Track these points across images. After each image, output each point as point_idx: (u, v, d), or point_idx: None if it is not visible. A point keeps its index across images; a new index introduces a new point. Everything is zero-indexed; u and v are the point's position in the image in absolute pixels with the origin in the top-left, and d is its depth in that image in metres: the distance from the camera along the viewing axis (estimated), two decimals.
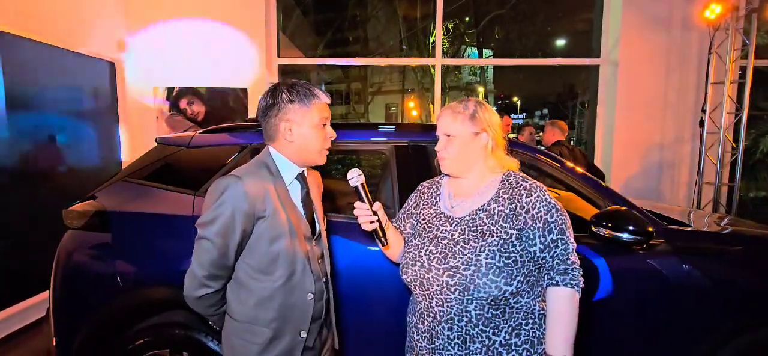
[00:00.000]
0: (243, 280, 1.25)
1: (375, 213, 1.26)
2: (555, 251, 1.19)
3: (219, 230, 1.16)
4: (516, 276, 1.16)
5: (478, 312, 1.18)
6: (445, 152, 1.28)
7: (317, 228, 1.36)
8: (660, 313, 1.77)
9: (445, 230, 1.25)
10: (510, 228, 1.19)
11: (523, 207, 1.20)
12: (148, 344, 1.78)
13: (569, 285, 1.17)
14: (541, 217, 1.19)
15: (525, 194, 1.22)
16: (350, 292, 1.77)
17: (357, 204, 1.27)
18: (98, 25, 3.87)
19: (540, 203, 1.20)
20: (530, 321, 1.21)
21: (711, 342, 1.77)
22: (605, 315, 1.76)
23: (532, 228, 1.19)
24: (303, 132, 1.25)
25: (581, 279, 1.19)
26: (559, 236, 1.19)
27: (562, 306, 1.17)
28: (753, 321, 1.80)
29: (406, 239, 1.37)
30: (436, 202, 1.35)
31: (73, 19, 3.56)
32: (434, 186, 1.40)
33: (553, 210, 1.20)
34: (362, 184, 1.26)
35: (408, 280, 1.28)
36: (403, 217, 1.42)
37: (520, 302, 1.19)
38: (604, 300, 1.74)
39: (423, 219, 1.34)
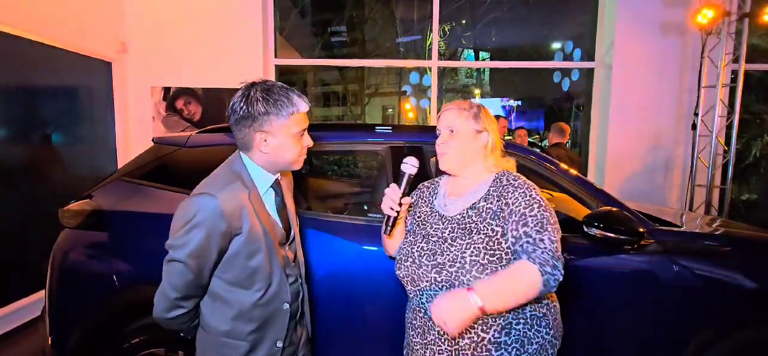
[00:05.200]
0: (219, 294, 1.20)
1: (401, 204, 1.27)
2: (526, 242, 1.14)
3: (192, 253, 1.10)
4: None
5: None
6: (445, 147, 1.29)
7: (292, 233, 1.33)
8: (650, 312, 1.79)
9: (437, 228, 1.28)
10: (496, 225, 1.20)
11: (507, 204, 1.21)
12: (144, 343, 1.78)
13: (535, 262, 1.10)
14: (519, 211, 1.18)
15: (511, 191, 1.22)
16: (341, 290, 1.79)
17: (393, 186, 1.28)
18: (96, 25, 3.87)
19: (522, 198, 1.20)
20: (521, 321, 1.20)
21: (701, 341, 1.80)
22: (596, 314, 1.78)
23: (507, 221, 1.19)
24: (279, 142, 1.17)
25: (553, 271, 1.10)
26: (535, 229, 1.15)
27: (515, 269, 1.12)
28: (742, 321, 1.83)
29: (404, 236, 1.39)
30: (432, 201, 1.38)
31: (70, 19, 3.55)
32: (433, 186, 1.43)
33: (535, 205, 1.18)
34: (410, 175, 1.27)
35: (401, 276, 1.30)
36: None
37: None
38: (595, 300, 1.77)
39: (418, 217, 1.36)
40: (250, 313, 1.20)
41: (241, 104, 1.15)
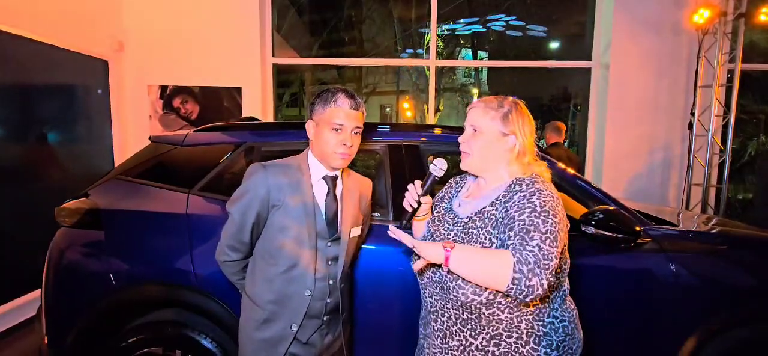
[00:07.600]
0: (257, 258, 1.39)
1: (419, 203, 1.25)
2: (514, 242, 1.04)
3: (239, 208, 1.32)
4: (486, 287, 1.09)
5: (455, 311, 1.18)
6: (467, 146, 1.21)
7: (338, 230, 1.38)
8: (647, 310, 1.80)
9: (446, 227, 1.26)
10: (495, 235, 1.12)
11: (507, 209, 1.11)
12: (141, 342, 1.78)
13: (514, 256, 1.01)
14: (510, 215, 1.08)
15: (518, 195, 1.11)
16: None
17: (416, 182, 1.27)
18: (92, 23, 3.85)
19: (519, 201, 1.09)
20: (514, 334, 1.13)
21: (697, 339, 1.81)
22: (592, 312, 1.78)
23: (501, 225, 1.10)
24: (319, 131, 1.34)
25: (528, 275, 0.98)
26: (520, 233, 1.04)
27: (495, 252, 1.05)
28: (739, 319, 1.84)
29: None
30: (453, 197, 1.34)
31: (66, 17, 3.53)
32: (462, 181, 1.38)
33: (527, 209, 1.06)
34: (436, 176, 1.27)
35: (413, 267, 1.30)
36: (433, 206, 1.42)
37: (499, 314, 1.13)
38: (592, 298, 1.77)
39: (437, 212, 1.34)
40: (272, 283, 1.34)
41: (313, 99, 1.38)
